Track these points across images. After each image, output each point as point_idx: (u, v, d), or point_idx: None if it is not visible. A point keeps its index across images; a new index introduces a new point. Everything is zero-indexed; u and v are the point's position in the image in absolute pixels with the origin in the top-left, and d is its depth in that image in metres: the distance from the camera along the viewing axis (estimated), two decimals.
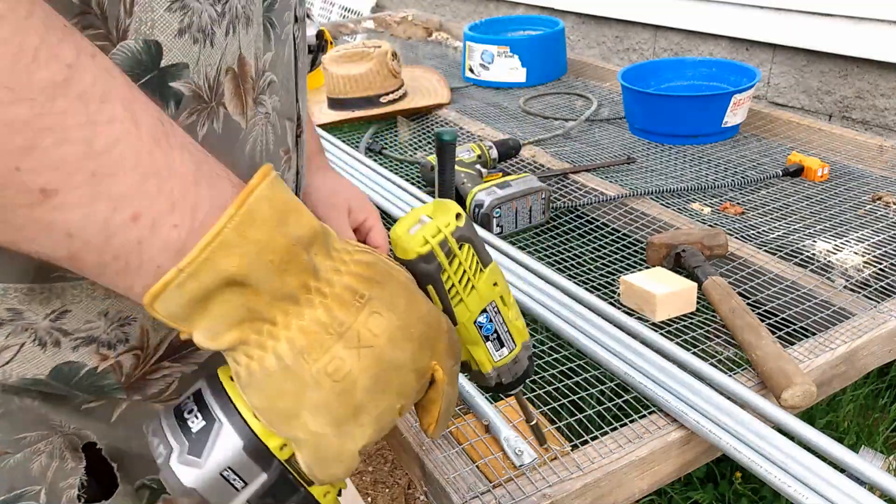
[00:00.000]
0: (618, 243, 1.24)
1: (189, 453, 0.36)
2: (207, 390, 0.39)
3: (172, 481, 0.36)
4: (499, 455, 0.77)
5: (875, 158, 1.48)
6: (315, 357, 0.36)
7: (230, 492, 0.37)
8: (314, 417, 0.37)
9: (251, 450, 0.37)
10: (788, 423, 0.79)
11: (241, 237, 0.34)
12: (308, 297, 0.36)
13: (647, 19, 2.45)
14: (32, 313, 0.42)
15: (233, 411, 0.37)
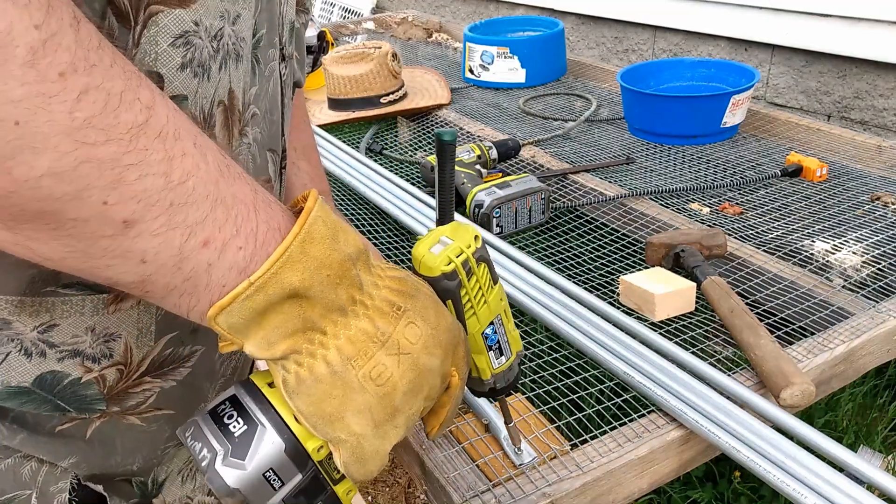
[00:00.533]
0: (617, 243, 1.24)
1: (233, 456, 0.39)
2: (246, 396, 0.41)
3: (218, 483, 0.38)
4: (499, 454, 0.77)
5: (874, 158, 1.49)
6: (361, 363, 0.40)
7: (269, 491, 0.39)
8: (357, 419, 0.40)
9: (291, 452, 0.40)
10: (787, 423, 0.79)
11: (303, 254, 0.37)
12: (354, 308, 0.40)
13: (647, 20, 2.45)
14: (21, 324, 0.43)
15: (274, 416, 0.40)
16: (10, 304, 0.42)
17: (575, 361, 0.94)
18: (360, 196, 1.49)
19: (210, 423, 0.40)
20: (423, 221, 1.27)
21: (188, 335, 0.51)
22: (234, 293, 0.36)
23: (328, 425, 0.40)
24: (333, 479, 0.42)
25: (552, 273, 1.08)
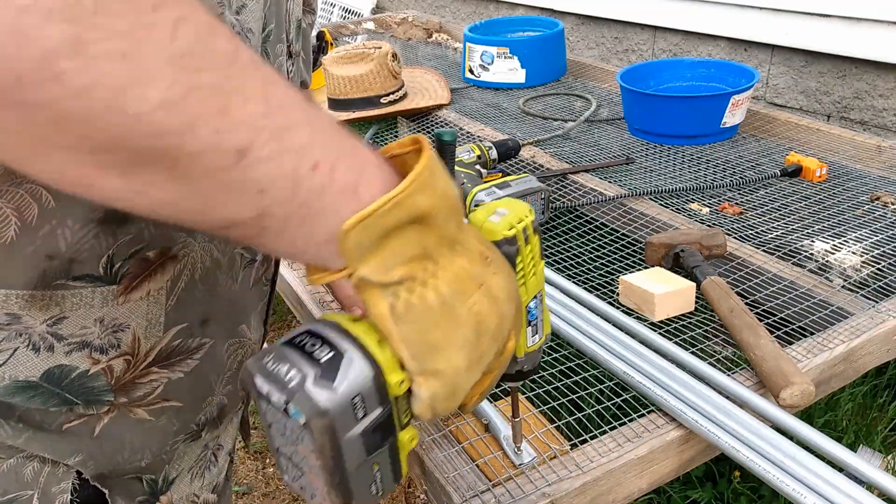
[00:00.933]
0: (617, 243, 1.24)
1: (322, 377, 0.38)
2: (325, 329, 0.41)
3: (309, 404, 0.37)
4: (498, 454, 0.77)
5: (873, 158, 1.49)
6: (463, 299, 0.40)
7: (352, 420, 0.39)
8: (457, 353, 0.40)
9: (377, 382, 0.39)
10: (787, 423, 0.79)
11: (430, 181, 0.38)
12: (457, 246, 0.41)
13: (646, 20, 2.45)
14: (30, 318, 0.43)
15: (359, 346, 0.39)
16: (21, 298, 0.42)
17: (575, 361, 0.94)
18: None
19: (291, 350, 0.40)
20: None
21: (197, 327, 0.51)
22: (373, 206, 0.36)
23: (430, 354, 0.40)
24: (402, 422, 0.42)
25: (552, 273, 1.08)
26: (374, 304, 0.39)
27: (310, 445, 0.38)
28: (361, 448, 0.40)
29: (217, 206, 0.33)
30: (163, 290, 0.48)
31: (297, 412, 0.37)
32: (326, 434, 0.38)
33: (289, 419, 0.38)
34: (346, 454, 0.39)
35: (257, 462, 1.63)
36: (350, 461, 0.39)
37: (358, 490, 0.41)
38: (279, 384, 0.38)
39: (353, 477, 0.40)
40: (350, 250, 0.36)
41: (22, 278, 0.41)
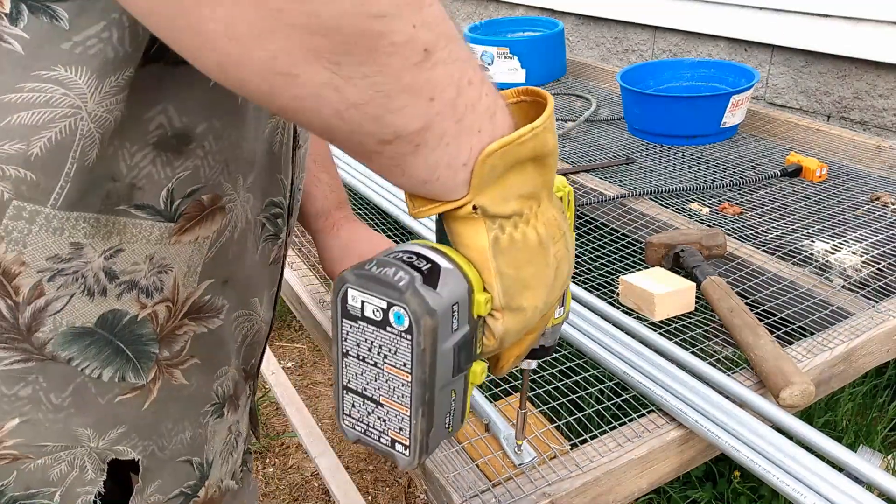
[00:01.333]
0: (617, 243, 1.24)
1: (425, 283, 0.39)
2: (420, 247, 0.42)
3: (418, 302, 0.38)
4: (498, 454, 0.77)
5: (873, 159, 1.49)
6: (553, 242, 0.43)
7: (448, 330, 0.39)
8: (539, 293, 0.42)
9: (469, 295, 0.40)
10: (787, 423, 0.79)
11: (551, 126, 0.40)
12: (552, 195, 0.43)
13: (646, 20, 2.45)
14: (91, 249, 0.43)
15: (453, 262, 0.40)
16: (87, 222, 0.42)
17: (575, 361, 0.94)
18: (360, 196, 1.49)
19: (393, 259, 0.40)
20: (424, 221, 1.27)
21: (220, 286, 0.52)
22: (517, 134, 0.37)
23: (519, 291, 0.41)
24: (476, 351, 0.42)
25: None
26: (475, 236, 0.40)
27: (405, 356, 0.39)
28: (450, 365, 0.40)
29: (394, 110, 0.33)
30: (208, 239, 0.49)
31: (400, 316, 0.38)
32: (431, 336, 0.38)
33: (382, 332, 0.39)
34: (438, 367, 0.39)
35: (257, 462, 1.63)
36: (440, 378, 0.40)
37: (439, 415, 0.41)
38: (385, 287, 0.38)
39: (438, 398, 0.40)
40: (482, 176, 0.37)
41: (91, 200, 0.42)
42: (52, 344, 0.44)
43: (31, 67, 0.37)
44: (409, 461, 0.42)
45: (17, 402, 0.45)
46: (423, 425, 0.41)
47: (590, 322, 0.96)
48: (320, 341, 1.07)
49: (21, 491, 0.47)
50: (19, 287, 0.42)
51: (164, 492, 0.54)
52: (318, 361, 1.94)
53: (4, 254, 0.41)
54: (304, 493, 1.55)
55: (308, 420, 1.45)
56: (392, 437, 0.42)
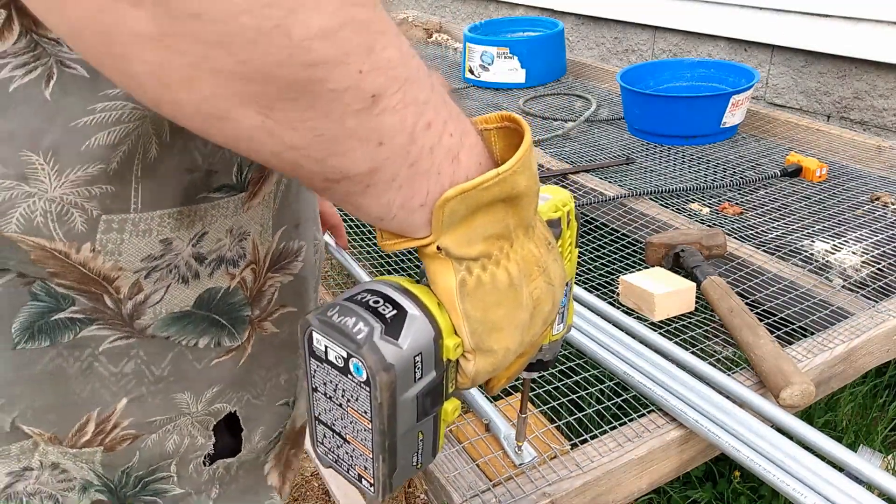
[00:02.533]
0: (617, 243, 1.24)
1: (387, 334, 0.38)
2: (387, 288, 0.40)
3: (375, 356, 0.37)
4: (499, 454, 0.77)
5: (873, 159, 1.49)
6: (528, 282, 0.40)
7: (411, 379, 0.38)
8: (512, 334, 0.41)
9: (436, 343, 0.39)
10: (787, 423, 0.79)
11: (528, 163, 0.38)
12: (531, 230, 0.41)
13: (646, 20, 2.45)
14: (180, 240, 0.44)
15: (424, 307, 0.39)
16: (171, 217, 0.43)
17: (575, 361, 0.94)
18: None
19: (355, 305, 0.39)
20: None
21: (294, 229, 0.54)
22: (479, 180, 0.35)
23: (488, 334, 0.40)
24: (447, 391, 0.41)
25: None
26: (442, 276, 0.39)
27: (364, 405, 0.38)
28: (413, 412, 0.39)
29: (338, 154, 0.32)
30: (272, 193, 0.50)
31: (358, 368, 0.37)
32: (388, 391, 0.37)
33: (344, 378, 0.38)
34: (399, 416, 0.38)
35: None
36: (401, 424, 0.39)
37: (402, 458, 0.41)
38: (344, 337, 0.37)
39: (401, 443, 0.40)
40: (442, 219, 0.36)
41: (169, 195, 0.43)
42: (152, 328, 0.45)
43: (97, 88, 0.37)
44: (374, 497, 0.42)
45: (122, 379, 0.46)
46: (384, 469, 0.40)
47: (590, 322, 0.96)
48: None
49: (144, 469, 0.49)
50: (119, 287, 0.43)
51: (268, 436, 0.56)
52: None
53: (102, 264, 0.42)
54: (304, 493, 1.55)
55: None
56: (359, 472, 0.42)
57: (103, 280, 0.42)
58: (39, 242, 0.39)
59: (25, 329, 0.42)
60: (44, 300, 0.42)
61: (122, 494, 0.49)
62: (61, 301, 0.42)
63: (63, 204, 0.39)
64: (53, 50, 0.35)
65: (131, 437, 0.48)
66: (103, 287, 0.43)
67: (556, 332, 0.53)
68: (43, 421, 0.45)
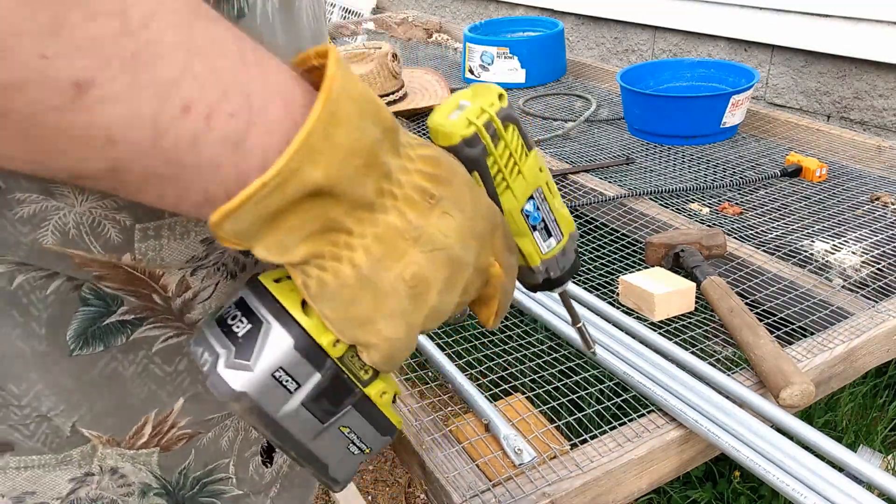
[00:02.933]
0: (617, 243, 1.24)
1: (237, 357, 0.35)
2: (251, 295, 0.37)
3: (221, 388, 0.34)
4: (498, 454, 0.77)
5: (873, 159, 1.49)
6: (391, 264, 0.34)
7: (283, 395, 0.35)
8: (389, 323, 0.36)
9: (302, 348, 0.35)
10: (787, 423, 0.79)
11: (327, 141, 0.30)
12: (381, 201, 0.34)
13: (646, 20, 2.45)
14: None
15: (281, 311, 0.36)
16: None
17: (575, 361, 0.94)
18: None
19: (214, 328, 0.37)
20: None
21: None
22: (243, 196, 0.29)
23: (357, 330, 0.35)
24: (361, 379, 0.38)
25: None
26: (294, 279, 0.35)
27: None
28: (310, 418, 0.37)
29: (55, 155, 0.26)
30: None
31: (220, 395, 0.35)
32: (253, 415, 0.35)
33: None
34: (291, 429, 0.36)
35: None
36: (303, 433, 0.37)
37: (332, 455, 0.39)
38: (197, 372, 0.37)
39: (317, 446, 0.38)
40: (233, 236, 0.31)
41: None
42: (202, 322, 0.44)
43: None
44: (332, 489, 0.41)
45: (178, 377, 0.45)
46: (317, 470, 0.39)
47: (590, 322, 0.96)
48: None
49: (201, 469, 0.48)
50: (167, 285, 0.41)
51: None
52: None
53: (147, 265, 0.41)
54: None
55: None
56: (312, 472, 0.40)
57: (149, 278, 0.41)
58: (79, 254, 0.37)
59: (79, 336, 0.41)
60: (94, 304, 0.40)
61: (181, 497, 0.49)
62: (111, 303, 0.41)
63: (94, 216, 0.36)
64: None
65: (187, 437, 0.47)
66: (150, 286, 0.41)
67: (546, 249, 0.46)
68: (101, 424, 0.44)
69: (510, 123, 0.40)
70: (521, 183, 0.42)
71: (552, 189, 0.45)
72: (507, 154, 0.41)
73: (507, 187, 0.41)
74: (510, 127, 0.40)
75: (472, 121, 0.38)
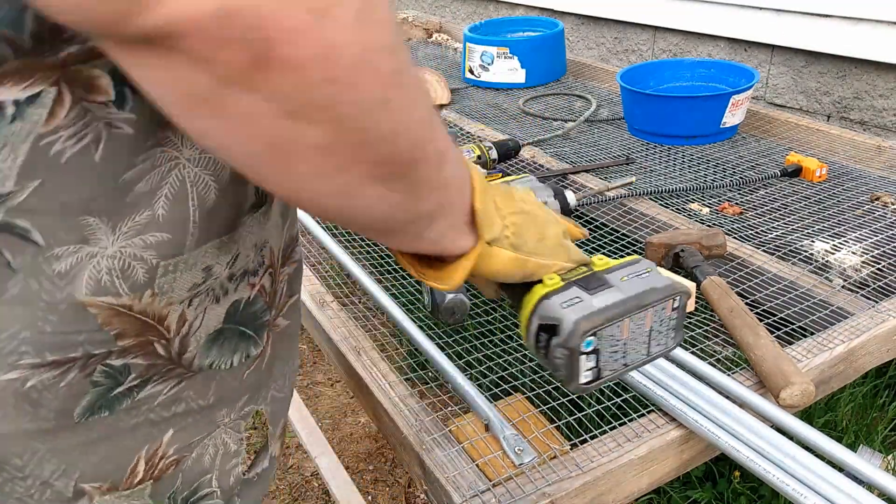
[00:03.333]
0: (617, 243, 1.24)
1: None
2: (538, 318, 0.53)
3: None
4: (498, 454, 0.77)
5: (873, 159, 1.49)
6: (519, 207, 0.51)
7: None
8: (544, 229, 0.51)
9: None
10: (787, 423, 0.79)
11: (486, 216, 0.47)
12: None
13: (646, 20, 2.45)
14: (219, 265, 0.46)
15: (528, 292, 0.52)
16: (214, 247, 0.45)
17: None
18: None
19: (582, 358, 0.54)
20: None
21: (293, 214, 0.57)
22: (478, 179, 0.45)
23: (536, 246, 0.51)
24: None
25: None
26: (498, 258, 0.47)
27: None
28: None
29: (421, 200, 0.40)
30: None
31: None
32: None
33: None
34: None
35: None
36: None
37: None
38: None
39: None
40: (480, 219, 0.44)
41: (216, 228, 0.45)
42: (197, 358, 0.47)
43: (140, 143, 0.38)
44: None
45: (173, 418, 0.48)
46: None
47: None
48: (320, 341, 1.07)
49: (188, 489, 0.51)
50: (170, 325, 0.45)
51: (282, 424, 0.60)
52: (318, 361, 1.93)
53: (157, 304, 0.43)
54: (304, 493, 1.55)
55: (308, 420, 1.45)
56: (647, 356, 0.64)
57: (157, 322, 0.44)
58: (108, 301, 0.41)
59: (86, 410, 0.43)
60: (103, 383, 0.43)
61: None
62: (119, 376, 0.44)
63: (123, 258, 0.40)
64: (102, 113, 0.37)
65: (175, 463, 0.49)
66: (157, 331, 0.44)
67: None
68: (100, 475, 0.46)
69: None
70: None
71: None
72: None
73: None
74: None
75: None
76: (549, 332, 0.52)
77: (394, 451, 0.86)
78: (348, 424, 1.71)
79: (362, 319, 1.05)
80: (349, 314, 1.05)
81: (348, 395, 1.80)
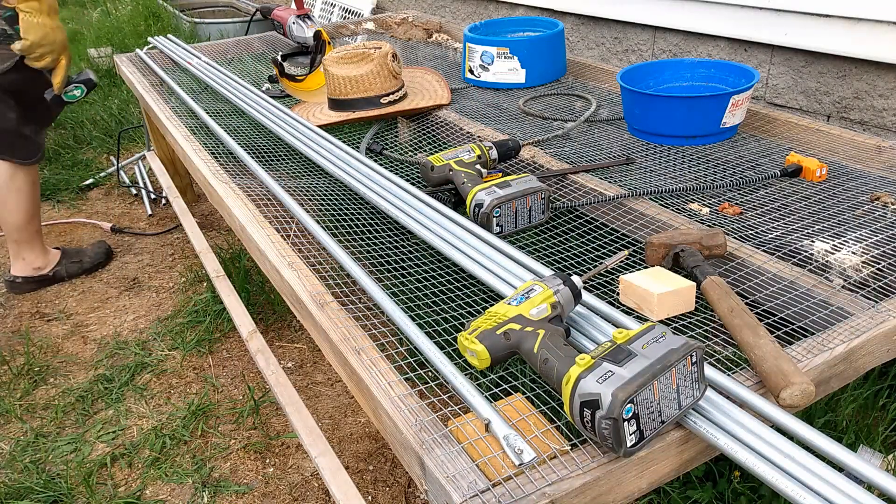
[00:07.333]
0: (617, 243, 1.24)
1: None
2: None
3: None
4: (499, 453, 0.77)
5: (873, 159, 1.49)
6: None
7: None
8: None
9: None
10: (787, 423, 0.79)
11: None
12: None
13: (646, 20, 2.45)
14: None
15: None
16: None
17: None
18: (360, 196, 1.49)
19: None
20: (423, 221, 1.27)
21: None
22: None
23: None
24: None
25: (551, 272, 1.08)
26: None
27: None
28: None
29: None
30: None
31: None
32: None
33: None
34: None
35: (257, 462, 1.63)
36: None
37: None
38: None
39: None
40: None
41: None
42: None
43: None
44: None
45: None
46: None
47: (590, 322, 0.96)
48: (320, 341, 1.07)
49: None
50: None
51: None
52: (318, 361, 1.93)
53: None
54: (304, 493, 1.55)
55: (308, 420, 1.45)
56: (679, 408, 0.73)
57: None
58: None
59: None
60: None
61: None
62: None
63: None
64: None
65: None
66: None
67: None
68: None
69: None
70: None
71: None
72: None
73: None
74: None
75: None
76: (592, 406, 0.55)
77: (394, 450, 0.86)
78: (348, 424, 1.71)
79: (362, 319, 1.05)
80: (349, 314, 1.05)
81: (348, 395, 1.80)
